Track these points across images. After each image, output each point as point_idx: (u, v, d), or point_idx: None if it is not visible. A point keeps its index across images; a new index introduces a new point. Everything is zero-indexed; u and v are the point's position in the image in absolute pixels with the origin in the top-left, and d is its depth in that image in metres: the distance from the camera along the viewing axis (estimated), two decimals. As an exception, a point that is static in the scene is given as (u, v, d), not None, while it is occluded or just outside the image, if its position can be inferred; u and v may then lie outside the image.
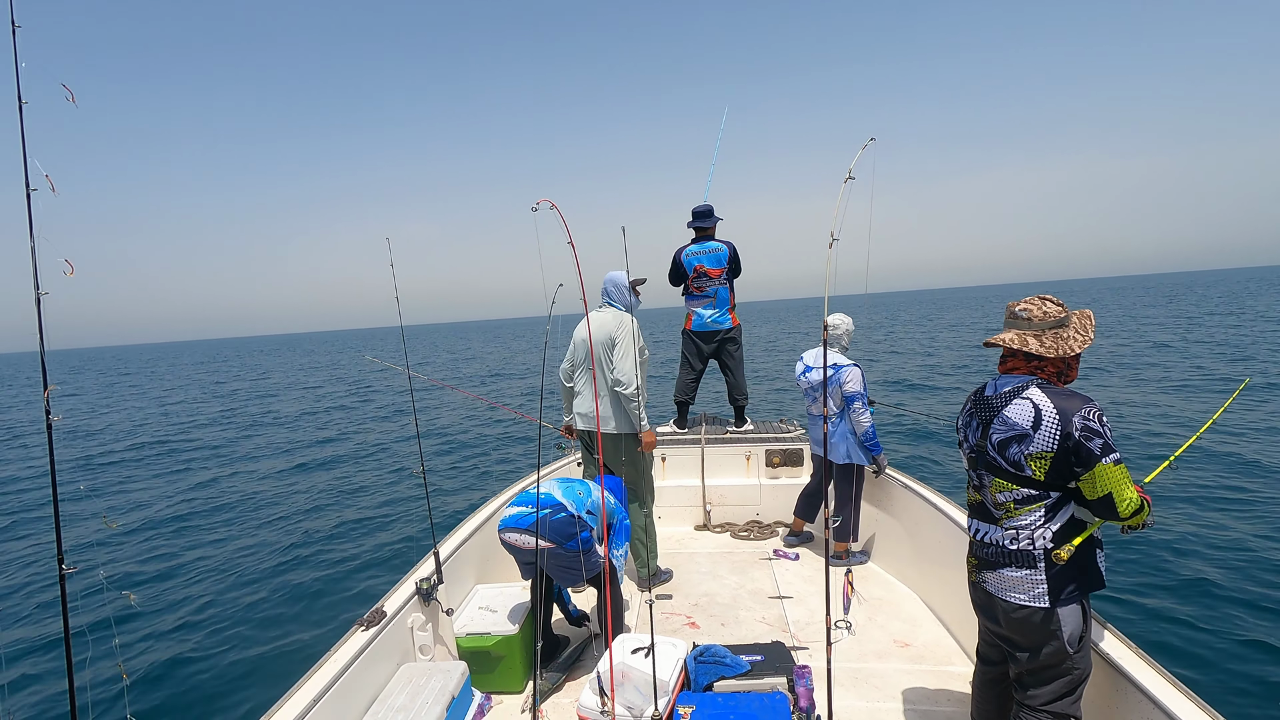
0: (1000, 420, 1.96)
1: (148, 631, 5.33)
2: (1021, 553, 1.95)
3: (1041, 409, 1.87)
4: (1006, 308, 2.08)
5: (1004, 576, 2.00)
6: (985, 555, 2.06)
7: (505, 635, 2.90)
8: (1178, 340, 22.18)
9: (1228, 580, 5.09)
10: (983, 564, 2.07)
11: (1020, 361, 2.02)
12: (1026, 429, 1.89)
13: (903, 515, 3.98)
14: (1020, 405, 1.92)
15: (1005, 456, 1.94)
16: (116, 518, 8.65)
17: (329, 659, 2.32)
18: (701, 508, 4.85)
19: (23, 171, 1.54)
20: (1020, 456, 1.90)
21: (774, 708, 2.26)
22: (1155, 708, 1.93)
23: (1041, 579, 1.93)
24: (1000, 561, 2.00)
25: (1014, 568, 1.97)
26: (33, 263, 1.49)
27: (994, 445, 1.97)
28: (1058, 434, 1.84)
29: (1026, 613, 1.95)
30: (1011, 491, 1.95)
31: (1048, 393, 1.90)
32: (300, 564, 6.63)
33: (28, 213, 1.49)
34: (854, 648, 3.17)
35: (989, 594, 2.05)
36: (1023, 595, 1.96)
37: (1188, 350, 19.20)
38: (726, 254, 4.81)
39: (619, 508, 3.08)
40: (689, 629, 3.44)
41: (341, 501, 8.89)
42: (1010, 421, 1.93)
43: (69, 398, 29.03)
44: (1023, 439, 1.89)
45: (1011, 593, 1.98)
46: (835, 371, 3.89)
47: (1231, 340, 21.10)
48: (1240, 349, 18.65)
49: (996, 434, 1.96)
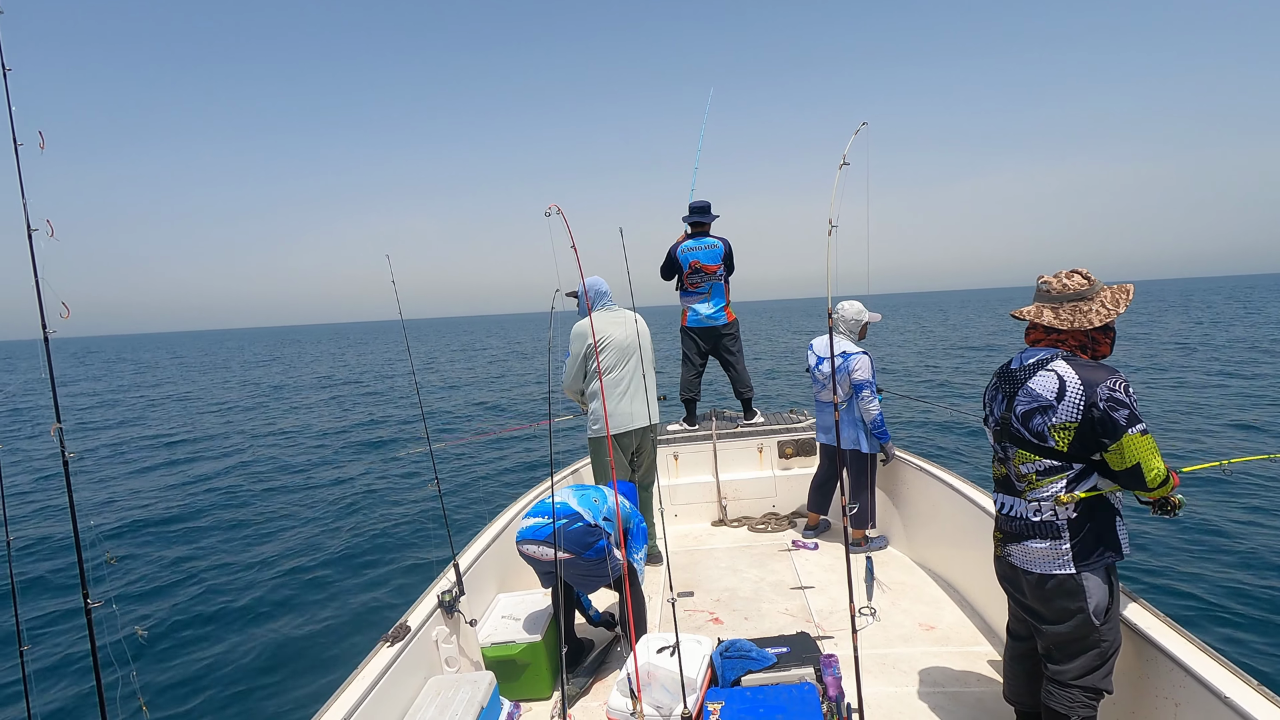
0: (1024, 392, 1.96)
1: (163, 650, 5.36)
2: (1045, 524, 1.96)
3: (1066, 380, 1.88)
4: (1036, 280, 2.09)
5: (1028, 549, 2.00)
6: (1010, 529, 2.07)
7: (530, 643, 2.90)
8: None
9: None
10: (1008, 537, 2.09)
11: (1041, 334, 2.03)
12: (1050, 400, 1.89)
13: (918, 498, 3.96)
14: (1044, 377, 1.92)
15: (1029, 428, 1.95)
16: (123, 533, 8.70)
17: (356, 676, 2.33)
18: (717, 503, 4.85)
19: (23, 213, 1.55)
20: (1044, 427, 1.91)
21: (803, 699, 2.25)
22: (1187, 674, 1.92)
23: (1066, 547, 1.94)
24: (1025, 534, 2.01)
25: (1038, 539, 1.98)
26: (39, 305, 1.50)
27: (1018, 417, 1.98)
28: (1082, 404, 1.85)
29: (1053, 582, 1.96)
30: (1034, 463, 1.96)
31: (1073, 365, 1.91)
32: (318, 580, 6.66)
33: (31, 256, 1.50)
34: (879, 634, 3.16)
35: (1014, 567, 2.07)
36: (1048, 565, 1.96)
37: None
38: (722, 250, 4.80)
39: (634, 511, 3.09)
40: (712, 625, 3.44)
41: (356, 515, 8.91)
42: (1034, 393, 1.93)
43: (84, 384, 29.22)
44: (1046, 410, 1.90)
45: (1036, 564, 1.99)
46: (844, 359, 3.87)
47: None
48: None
49: (1021, 405, 1.97)
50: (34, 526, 9.71)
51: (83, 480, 12.93)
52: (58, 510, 10.23)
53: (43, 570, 7.72)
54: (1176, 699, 1.97)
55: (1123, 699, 2.17)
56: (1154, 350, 17.10)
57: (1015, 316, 2.10)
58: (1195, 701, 1.89)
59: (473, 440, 10.60)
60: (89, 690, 4.67)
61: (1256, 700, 1.74)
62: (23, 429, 19.80)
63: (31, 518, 10.15)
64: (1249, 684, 1.81)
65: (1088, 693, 1.98)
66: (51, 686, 5.06)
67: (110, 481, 12.59)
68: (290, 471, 12.62)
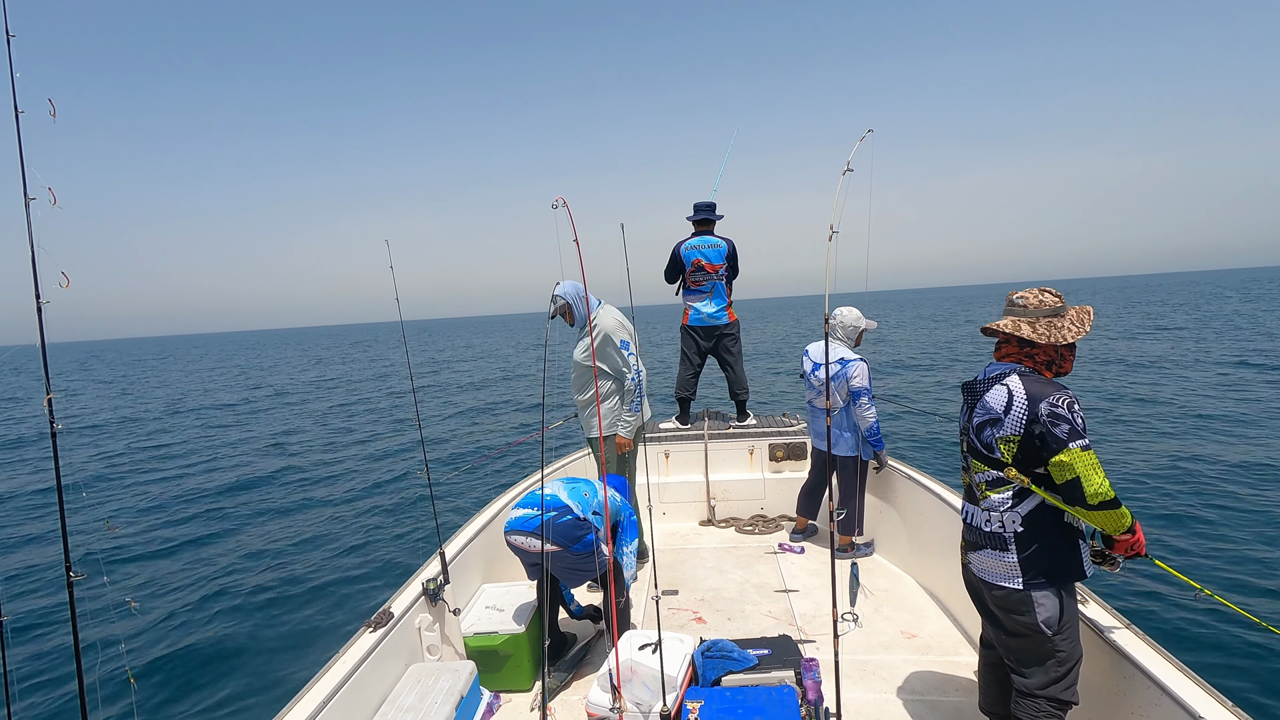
0: (981, 405, 2.05)
1: (150, 633, 5.35)
2: (994, 535, 2.05)
3: (1014, 394, 1.96)
4: (1006, 297, 2.13)
5: (983, 559, 2.10)
6: (970, 537, 2.16)
7: (512, 634, 2.91)
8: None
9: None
10: (968, 545, 2.18)
11: (1014, 349, 2.07)
12: (999, 413, 1.98)
13: (906, 507, 3.98)
14: (998, 391, 2.00)
15: (980, 439, 2.05)
16: (118, 519, 8.67)
17: (337, 660, 2.33)
18: (706, 503, 4.85)
19: (21, 181, 1.54)
20: (992, 439, 2.00)
21: (782, 701, 2.26)
22: (1162, 692, 1.93)
23: (1014, 561, 2.01)
24: (980, 543, 2.10)
25: (989, 549, 2.07)
26: (33, 272, 1.49)
27: (974, 428, 2.08)
28: (1025, 418, 1.93)
29: (1003, 593, 2.04)
30: (985, 473, 2.05)
31: (1024, 379, 1.98)
32: (304, 566, 6.65)
33: (27, 222, 1.49)
34: (861, 640, 3.18)
35: (974, 575, 2.15)
36: (998, 577, 2.04)
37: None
38: (725, 249, 4.80)
39: (625, 504, 3.08)
40: (695, 624, 3.44)
41: (345, 504, 8.90)
42: (988, 405, 2.02)
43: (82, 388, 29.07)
44: (995, 423, 1.99)
45: (989, 574, 2.07)
46: (842, 366, 3.88)
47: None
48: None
49: (977, 417, 2.06)
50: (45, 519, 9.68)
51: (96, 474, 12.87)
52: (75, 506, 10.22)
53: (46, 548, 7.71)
54: (1149, 715, 1.99)
55: (1096, 714, 2.19)
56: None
57: (988, 331, 2.15)
58: (1168, 718, 1.91)
59: (473, 465, 10.59)
60: (81, 664, 4.67)
61: (1228, 719, 1.76)
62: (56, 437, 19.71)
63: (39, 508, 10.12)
64: (1223, 704, 1.83)
65: (1052, 703, 2.01)
66: (39, 654, 5.06)
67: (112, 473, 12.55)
68: (282, 456, 12.60)
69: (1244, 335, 22.66)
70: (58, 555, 7.30)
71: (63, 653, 5.11)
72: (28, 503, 9.95)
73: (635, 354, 3.63)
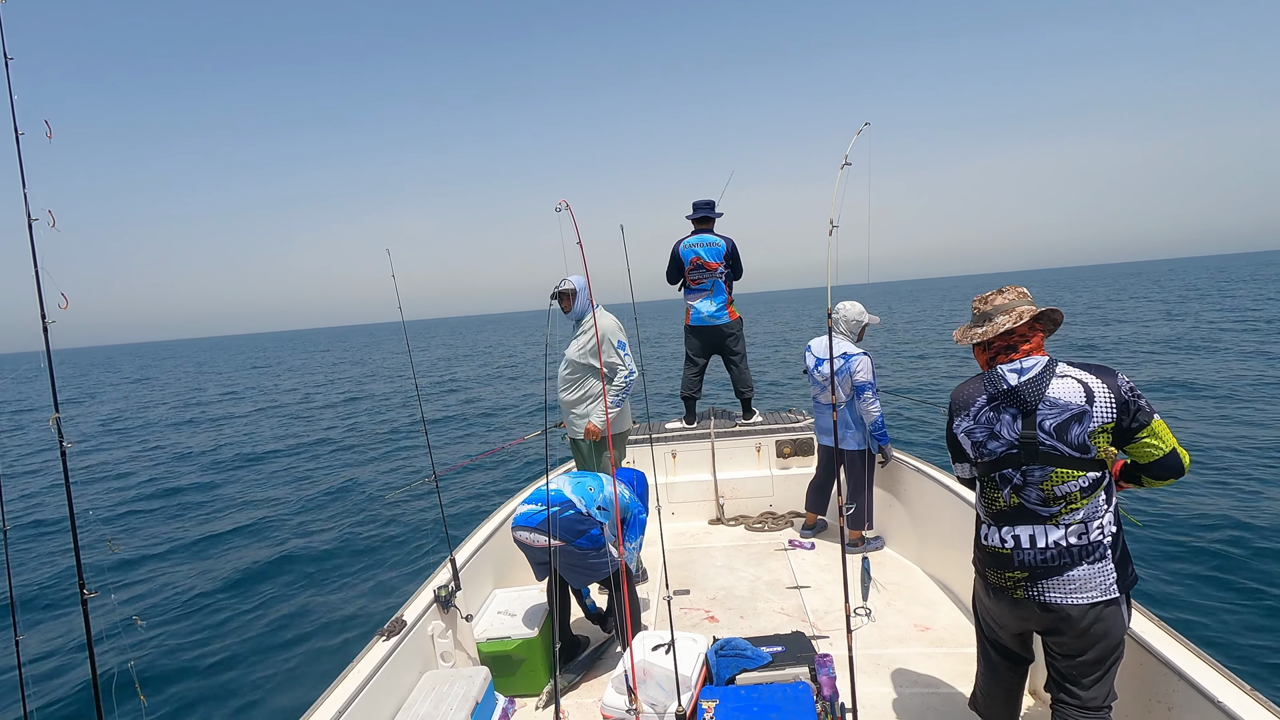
0: (1048, 404, 1.81)
1: (159, 647, 5.36)
2: (1093, 545, 1.79)
3: (1088, 383, 1.79)
4: (987, 300, 2.00)
5: (1074, 578, 1.80)
6: (1042, 561, 1.83)
7: (525, 639, 2.91)
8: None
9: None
10: (1040, 572, 1.84)
11: (1037, 343, 1.93)
12: (1083, 405, 1.78)
13: (915, 499, 3.97)
14: (1064, 383, 1.81)
15: (1066, 440, 1.79)
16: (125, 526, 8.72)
17: (351, 670, 2.33)
18: (715, 502, 4.85)
19: (23, 202, 1.55)
20: (1083, 436, 1.77)
21: (797, 698, 2.26)
22: (1180, 679, 1.92)
23: (1111, 568, 1.80)
24: (1069, 562, 1.81)
25: (1086, 563, 1.80)
26: (38, 294, 1.49)
27: (1049, 432, 1.81)
28: (1114, 401, 1.77)
29: (1099, 609, 1.80)
30: (1078, 479, 1.79)
31: (1078, 367, 1.85)
32: (314, 576, 6.67)
33: (30, 244, 1.50)
34: (874, 634, 3.17)
35: (1052, 605, 1.83)
36: (1096, 592, 1.79)
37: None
38: (724, 248, 4.79)
39: (635, 501, 3.07)
40: (708, 623, 3.44)
41: (353, 511, 8.92)
42: (1061, 402, 1.80)
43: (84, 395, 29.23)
44: (1081, 417, 1.77)
45: (1083, 593, 1.80)
46: (845, 360, 3.87)
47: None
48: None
49: (1049, 419, 1.81)
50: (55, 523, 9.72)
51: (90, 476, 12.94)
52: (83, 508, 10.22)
53: (45, 563, 7.74)
54: (1170, 703, 1.98)
55: (1117, 704, 2.18)
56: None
57: (1000, 330, 1.93)
58: (1189, 705, 1.90)
59: (477, 460, 10.63)
60: (89, 678, 4.68)
61: (1249, 705, 1.75)
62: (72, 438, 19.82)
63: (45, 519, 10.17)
64: (1241, 688, 1.81)
65: (1108, 709, 1.90)
66: (51, 675, 5.07)
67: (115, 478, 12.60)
68: (289, 466, 12.63)
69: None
70: (57, 569, 7.35)
71: (72, 667, 5.12)
72: (31, 518, 10.00)
73: (629, 355, 3.73)
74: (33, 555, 8.10)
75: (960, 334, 2.07)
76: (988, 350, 2.00)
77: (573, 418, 3.87)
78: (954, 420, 2.04)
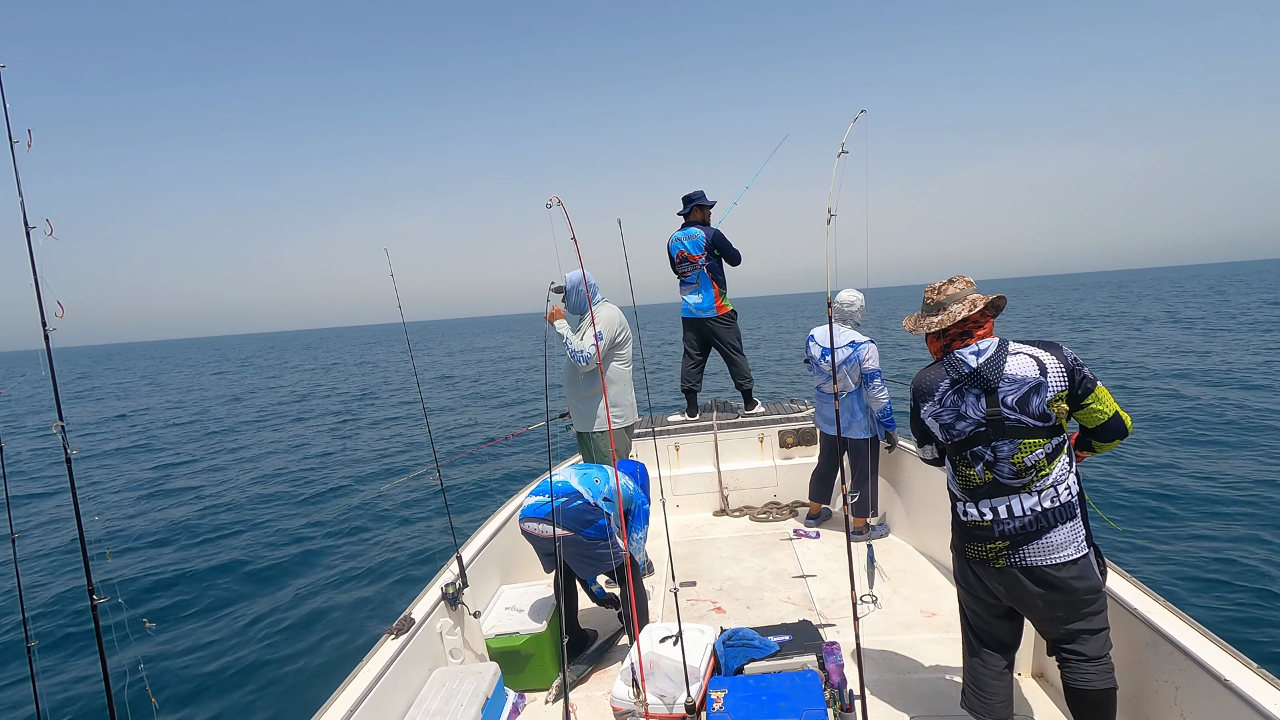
0: (1008, 381, 1.95)
1: (169, 651, 5.39)
2: (1065, 506, 1.93)
3: (1035, 355, 1.95)
4: (936, 291, 2.11)
5: (1051, 541, 1.93)
6: (1020, 529, 1.95)
7: (533, 634, 2.93)
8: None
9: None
10: (1019, 540, 1.96)
11: (989, 328, 2.07)
12: (1038, 377, 1.92)
13: (919, 486, 3.97)
14: (1018, 360, 1.96)
15: (1030, 411, 1.92)
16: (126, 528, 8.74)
17: (361, 668, 2.35)
18: (719, 493, 4.86)
19: (20, 211, 1.55)
20: (1043, 406, 1.91)
21: (806, 686, 2.27)
22: (1187, 658, 1.93)
23: (1079, 524, 1.95)
24: (1045, 526, 1.93)
25: (1060, 525, 1.93)
26: (38, 302, 1.49)
27: (1012, 406, 1.94)
28: (1063, 370, 1.92)
29: (1074, 564, 1.93)
30: (1043, 447, 1.93)
31: (1022, 342, 1.99)
32: (321, 577, 6.69)
33: (29, 252, 1.49)
34: (881, 621, 3.18)
35: (1034, 568, 1.95)
36: (1071, 550, 1.93)
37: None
38: (703, 239, 4.78)
39: (638, 492, 3.08)
40: (715, 614, 3.45)
41: (358, 509, 8.95)
42: (1019, 377, 1.94)
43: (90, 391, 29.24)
44: (1039, 387, 1.92)
45: (1061, 551, 1.92)
46: (854, 349, 3.88)
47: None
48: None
49: (1010, 394, 1.94)
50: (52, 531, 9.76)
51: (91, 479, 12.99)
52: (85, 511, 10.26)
53: (52, 568, 7.77)
54: (1177, 682, 1.99)
55: (1124, 683, 2.19)
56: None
57: (957, 318, 2.04)
58: (1196, 684, 1.91)
59: (479, 449, 10.66)
60: (101, 682, 4.71)
61: (1256, 682, 1.76)
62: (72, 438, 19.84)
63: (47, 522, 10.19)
64: (1249, 666, 1.82)
65: (1108, 656, 2.01)
66: (63, 680, 5.10)
67: (118, 482, 12.64)
68: (293, 465, 12.66)
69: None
70: (66, 573, 7.38)
71: (83, 674, 5.15)
72: (36, 521, 10.04)
73: (619, 351, 3.69)
74: (45, 560, 8.14)
75: (912, 323, 2.19)
76: (943, 338, 2.11)
77: (576, 410, 3.89)
78: (920, 406, 2.18)
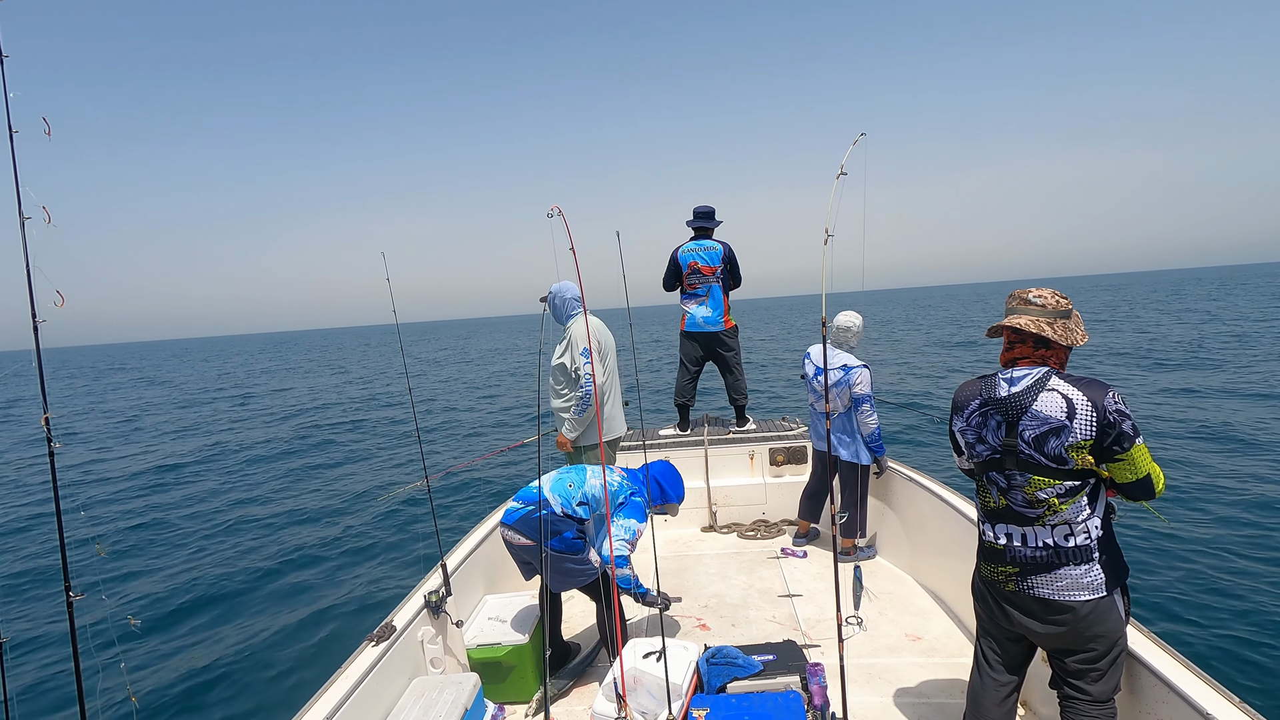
0: (1031, 416, 1.90)
1: (150, 651, 5.31)
2: (1079, 548, 1.90)
3: (1072, 399, 1.85)
4: (1014, 295, 2.04)
5: (1062, 576, 1.91)
6: (1033, 558, 1.95)
7: (516, 645, 2.89)
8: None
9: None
10: (1030, 569, 1.96)
11: (1029, 349, 1.98)
12: (1062, 420, 1.85)
13: (908, 509, 3.97)
14: (1049, 397, 1.88)
15: (1045, 451, 1.88)
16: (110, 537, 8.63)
17: (340, 675, 2.31)
18: (708, 509, 4.84)
19: (16, 201, 1.54)
20: (1061, 449, 1.86)
21: (788, 707, 2.25)
22: (1170, 690, 1.93)
23: (1098, 570, 1.90)
24: (1056, 562, 1.92)
25: (1070, 565, 1.90)
26: (29, 292, 1.49)
27: (1028, 442, 1.91)
28: (1094, 420, 1.82)
29: (1089, 606, 1.89)
30: (1054, 486, 1.90)
31: (1069, 381, 1.88)
32: (303, 581, 6.61)
33: (22, 242, 1.49)
34: (866, 643, 3.16)
35: (1042, 600, 1.94)
36: (1085, 593, 1.89)
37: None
38: (721, 253, 4.83)
39: (624, 487, 2.93)
40: (699, 631, 3.43)
41: (342, 515, 8.87)
42: (1042, 415, 1.88)
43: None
44: (1060, 431, 1.85)
45: (1073, 592, 1.91)
46: (845, 373, 3.89)
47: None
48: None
49: (1029, 430, 1.90)
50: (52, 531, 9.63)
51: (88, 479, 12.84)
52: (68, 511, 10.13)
53: (39, 564, 7.67)
54: (1159, 714, 1.98)
55: None
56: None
57: (1003, 329, 2.02)
58: (1178, 717, 1.90)
59: (470, 465, 10.62)
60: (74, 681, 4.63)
61: (1238, 717, 1.76)
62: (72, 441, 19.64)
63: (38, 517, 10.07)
64: (1230, 700, 1.82)
65: (1112, 701, 1.98)
66: (42, 676, 5.02)
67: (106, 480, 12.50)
68: (279, 468, 12.55)
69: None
70: (44, 568, 7.28)
71: (64, 673, 5.07)
72: (21, 515, 9.90)
73: (598, 363, 3.65)
74: (20, 554, 8.02)
75: (1052, 325, 1.97)
76: (1004, 347, 2.07)
77: (562, 423, 3.91)
78: (953, 418, 2.16)
